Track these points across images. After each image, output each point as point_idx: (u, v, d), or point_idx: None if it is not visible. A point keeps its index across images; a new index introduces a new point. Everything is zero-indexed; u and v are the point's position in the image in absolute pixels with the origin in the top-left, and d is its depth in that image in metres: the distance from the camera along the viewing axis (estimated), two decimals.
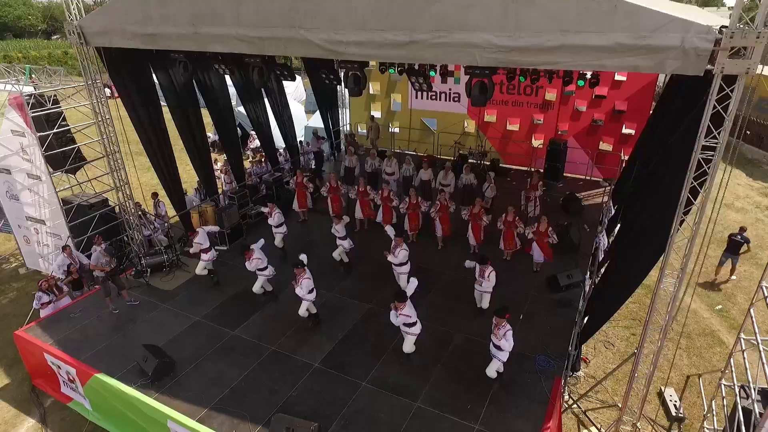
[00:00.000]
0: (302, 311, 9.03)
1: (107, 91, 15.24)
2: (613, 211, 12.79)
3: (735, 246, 12.29)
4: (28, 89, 13.08)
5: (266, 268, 9.81)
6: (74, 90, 12.15)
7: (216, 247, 12.27)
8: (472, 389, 7.65)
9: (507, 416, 7.27)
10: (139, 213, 12.93)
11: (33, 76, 12.44)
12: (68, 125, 11.89)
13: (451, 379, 8.00)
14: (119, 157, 12.17)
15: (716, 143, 5.59)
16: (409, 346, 8.20)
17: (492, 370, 7.67)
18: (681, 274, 6.41)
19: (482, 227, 11.33)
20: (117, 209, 12.92)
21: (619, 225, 11.30)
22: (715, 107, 5.42)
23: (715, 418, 7.67)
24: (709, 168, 5.76)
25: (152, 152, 12.15)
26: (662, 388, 9.30)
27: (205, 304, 10.06)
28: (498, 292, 9.37)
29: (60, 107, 11.53)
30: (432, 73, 15.90)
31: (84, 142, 12.26)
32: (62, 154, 11.88)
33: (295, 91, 31.90)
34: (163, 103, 12.18)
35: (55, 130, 11.35)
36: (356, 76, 7.85)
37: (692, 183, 5.88)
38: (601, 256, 10.58)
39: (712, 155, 5.67)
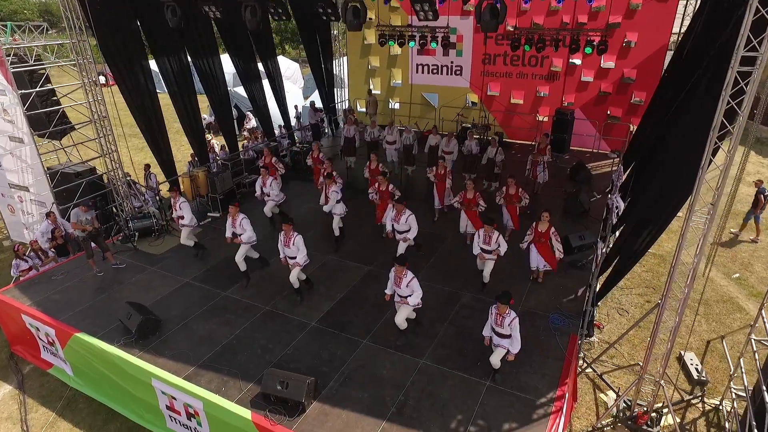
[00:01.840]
0: (293, 278, 8.08)
1: (102, 79, 15.00)
2: (624, 177, 12.28)
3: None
4: None
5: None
6: (59, 48, 11.58)
7: (209, 214, 11.75)
8: (480, 346, 7.03)
9: (520, 372, 6.71)
10: (128, 182, 12.36)
11: (16, 35, 11.80)
12: (52, 86, 11.33)
13: (458, 337, 7.44)
14: (107, 123, 11.63)
15: (758, 54, 5.03)
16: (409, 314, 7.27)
17: (496, 358, 6.50)
18: (712, 210, 5.84)
19: (477, 214, 9.66)
20: (105, 178, 12.38)
21: (633, 178, 10.56)
22: (758, 11, 4.85)
23: (744, 376, 7.11)
24: (747, 85, 5.20)
25: (140, 115, 11.64)
26: (681, 352, 8.74)
27: (195, 267, 9.48)
28: (504, 257, 8.65)
29: (43, 64, 10.93)
30: (433, 45, 15.56)
31: (69, 104, 11.68)
32: (46, 116, 11.32)
33: (293, 76, 31.59)
34: (162, 91, 12.34)
35: (37, 89, 10.78)
36: (355, 9, 7.27)
37: (728, 103, 5.31)
38: (615, 219, 10.01)
39: (752, 69, 5.11)
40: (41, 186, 11.60)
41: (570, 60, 15.21)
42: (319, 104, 17.92)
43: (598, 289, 8.52)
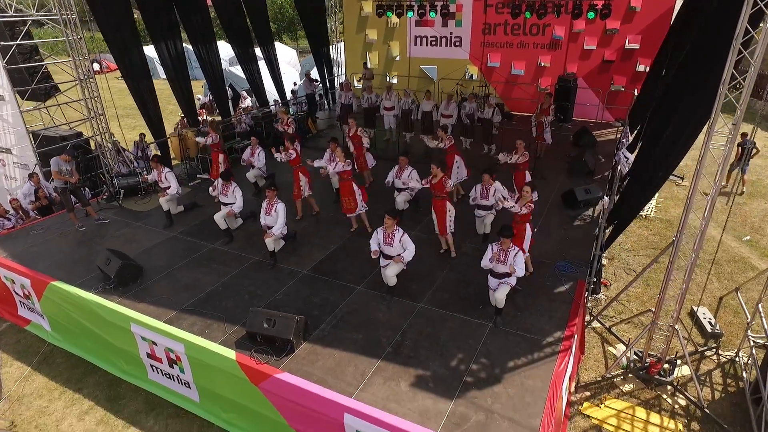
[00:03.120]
0: (269, 242, 7.36)
1: (95, 66, 14.62)
2: (630, 138, 11.86)
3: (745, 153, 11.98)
4: None
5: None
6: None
7: (199, 175, 11.31)
8: (483, 292, 6.59)
9: (525, 315, 6.27)
10: (117, 147, 11.92)
11: None
12: (34, 40, 10.88)
13: (458, 283, 7.00)
14: (93, 83, 11.18)
15: None
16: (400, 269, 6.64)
17: (502, 295, 5.99)
18: (734, 131, 5.41)
19: (447, 211, 7.57)
20: (93, 144, 11.92)
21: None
22: None
23: (764, 321, 6.68)
24: None
25: (136, 90, 11.58)
26: (694, 308, 8.31)
27: (182, 223, 9.03)
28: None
29: (24, 16, 10.45)
30: (432, 15, 15.12)
31: (53, 61, 11.24)
32: (29, 76, 10.88)
33: (291, 61, 31.45)
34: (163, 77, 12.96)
35: (18, 42, 10.32)
36: None
37: (755, 5, 4.87)
38: (626, 170, 9.58)
39: None
40: (24, 148, 11.14)
41: (573, 27, 14.78)
42: (315, 75, 17.48)
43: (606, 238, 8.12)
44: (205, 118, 16.65)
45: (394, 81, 18.06)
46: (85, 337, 7.21)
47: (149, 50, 20.74)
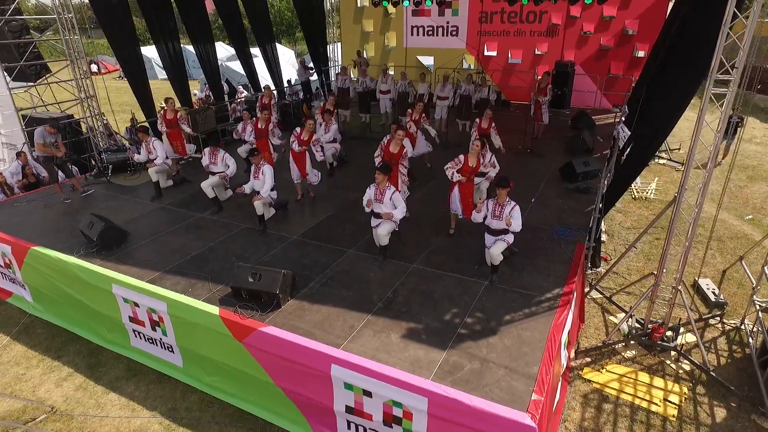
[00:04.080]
0: (258, 205, 7.14)
1: (93, 67, 14.52)
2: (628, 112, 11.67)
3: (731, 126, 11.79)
4: None
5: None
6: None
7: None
8: (479, 255, 6.36)
9: (523, 274, 6.03)
10: (109, 131, 11.72)
11: None
12: (23, 16, 10.73)
13: (454, 247, 6.76)
14: (85, 64, 11.01)
15: None
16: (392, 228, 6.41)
17: (498, 250, 5.77)
18: (736, 74, 5.22)
19: (398, 177, 7.32)
20: (84, 127, 11.72)
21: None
22: None
23: None
24: None
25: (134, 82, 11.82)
26: (697, 279, 8.07)
27: (171, 195, 8.81)
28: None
29: None
30: (428, 3, 15.02)
31: (42, 37, 11.08)
32: (17, 52, 10.71)
33: (290, 61, 31.53)
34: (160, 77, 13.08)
35: (6, 17, 10.17)
36: None
37: None
38: (622, 143, 9.39)
39: None
40: (14, 130, 10.94)
41: (569, 13, 14.68)
42: (310, 64, 17.37)
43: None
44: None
45: (391, 72, 17.95)
46: (67, 305, 6.95)
47: (149, 51, 20.92)
